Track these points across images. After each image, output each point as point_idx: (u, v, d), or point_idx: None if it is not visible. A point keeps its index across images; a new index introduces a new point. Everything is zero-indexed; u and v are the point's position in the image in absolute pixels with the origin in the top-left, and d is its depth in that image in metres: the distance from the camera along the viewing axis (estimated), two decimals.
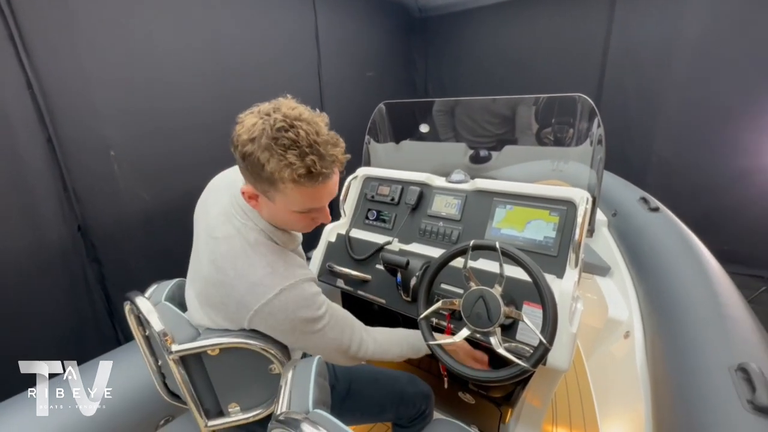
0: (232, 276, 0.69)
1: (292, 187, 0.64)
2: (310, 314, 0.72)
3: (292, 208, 0.69)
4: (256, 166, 0.63)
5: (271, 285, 0.69)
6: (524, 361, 0.73)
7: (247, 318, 0.69)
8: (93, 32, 1.55)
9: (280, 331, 0.71)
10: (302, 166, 0.62)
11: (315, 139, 0.63)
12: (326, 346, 0.76)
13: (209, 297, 0.73)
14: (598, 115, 1.00)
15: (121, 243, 1.76)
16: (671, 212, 1.91)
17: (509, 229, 1.04)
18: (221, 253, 0.71)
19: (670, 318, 1.22)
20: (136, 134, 1.76)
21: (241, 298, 0.69)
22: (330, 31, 2.77)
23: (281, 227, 0.76)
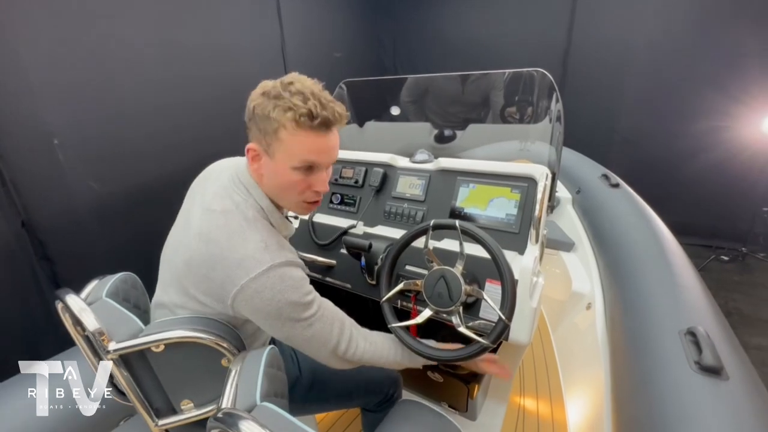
0: (223, 248, 0.67)
1: (292, 131, 0.67)
2: (297, 298, 0.68)
3: (291, 163, 0.69)
4: (263, 117, 0.67)
5: (261, 260, 0.66)
6: (484, 338, 0.74)
7: (232, 294, 0.65)
8: (31, 8, 1.39)
9: (266, 314, 0.67)
10: (303, 107, 0.65)
11: (319, 91, 0.69)
12: (313, 339, 0.72)
13: (192, 270, 0.70)
14: (557, 91, 1.00)
15: (74, 238, 1.64)
16: (630, 188, 1.98)
17: (473, 208, 1.03)
18: (216, 225, 0.70)
19: (627, 288, 1.27)
20: (83, 119, 1.61)
21: (229, 272, 0.66)
22: (293, 10, 2.64)
23: (279, 200, 0.76)
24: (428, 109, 1.51)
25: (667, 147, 3.04)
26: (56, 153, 1.56)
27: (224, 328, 0.69)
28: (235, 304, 0.67)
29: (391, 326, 0.84)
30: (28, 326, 1.51)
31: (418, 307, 0.93)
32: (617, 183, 1.96)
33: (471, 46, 3.50)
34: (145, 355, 0.66)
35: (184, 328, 0.65)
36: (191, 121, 2.00)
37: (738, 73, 2.66)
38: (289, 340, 0.72)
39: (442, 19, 3.63)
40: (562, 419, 1.28)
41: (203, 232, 0.70)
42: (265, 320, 0.69)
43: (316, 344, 0.73)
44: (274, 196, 0.76)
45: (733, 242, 2.98)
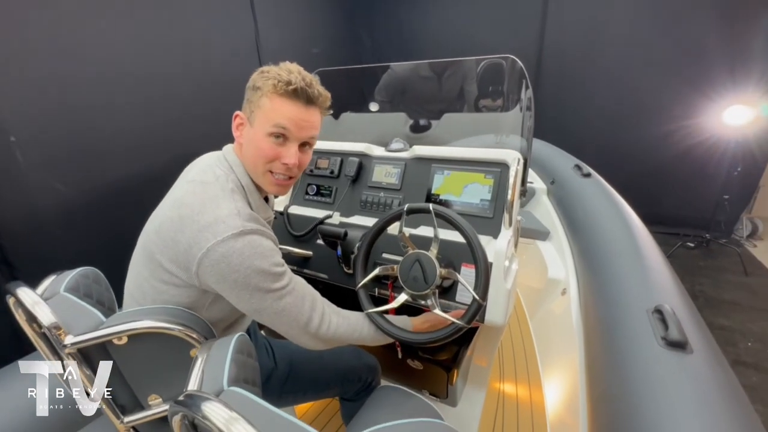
0: (195, 211, 0.66)
1: (271, 98, 0.71)
2: (267, 266, 0.67)
3: (265, 128, 0.72)
4: (252, 87, 0.73)
5: (232, 224, 0.65)
6: (459, 320, 0.74)
7: (197, 258, 0.63)
8: None
9: (232, 282, 0.65)
10: (286, 77, 0.70)
11: (308, 75, 0.73)
12: (284, 313, 0.70)
13: (161, 236, 0.68)
14: (527, 78, 1.01)
15: (37, 242, 1.54)
16: (602, 178, 2.05)
17: (447, 194, 1.04)
18: (193, 191, 0.70)
19: (599, 272, 1.31)
20: (44, 115, 1.52)
21: (197, 234, 0.64)
22: (268, 4, 2.59)
23: (252, 175, 0.77)
24: (403, 105, 1.51)
25: (635, 138, 3.16)
26: (13, 151, 1.47)
27: (192, 318, 0.66)
28: (200, 270, 0.64)
29: (367, 312, 0.83)
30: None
31: (395, 294, 0.93)
32: (589, 173, 2.02)
33: (449, 42, 3.53)
34: (106, 349, 0.63)
35: (150, 318, 0.62)
36: (163, 118, 1.92)
37: (702, 67, 2.79)
38: (258, 314, 0.69)
39: (420, 15, 3.65)
40: (540, 401, 1.31)
41: (178, 198, 0.70)
42: (232, 290, 0.66)
43: (287, 319, 0.71)
44: (250, 169, 0.77)
45: (697, 229, 3.12)
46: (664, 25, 2.83)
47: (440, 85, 1.46)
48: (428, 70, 1.44)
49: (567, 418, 1.13)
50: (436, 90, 1.43)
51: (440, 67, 1.43)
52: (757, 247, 3.07)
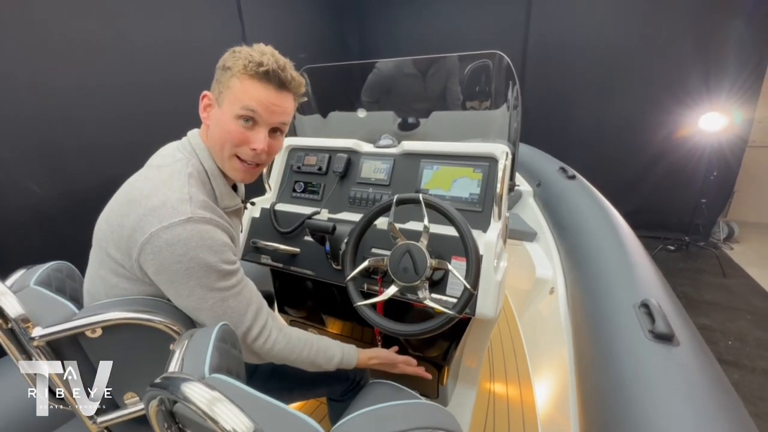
0: (144, 194, 0.62)
1: (241, 79, 0.67)
2: (214, 261, 0.62)
3: (234, 110, 0.67)
4: (222, 67, 0.69)
5: (181, 210, 0.60)
6: (450, 309, 0.73)
7: (139, 244, 0.59)
8: None
9: (173, 273, 0.59)
10: (258, 58, 0.66)
11: (281, 57, 0.70)
12: (223, 317, 0.64)
13: (109, 222, 0.64)
14: (514, 74, 1.03)
15: (9, 247, 1.46)
16: (586, 180, 2.09)
17: (437, 189, 1.04)
18: (146, 176, 0.66)
19: (586, 270, 1.33)
20: (19, 114, 1.46)
21: (141, 218, 0.59)
22: (255, 9, 2.59)
23: (218, 159, 0.72)
24: (391, 104, 1.51)
25: (616, 142, 3.25)
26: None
27: (173, 309, 0.63)
28: (141, 257, 0.60)
29: (357, 305, 0.81)
30: None
31: (384, 288, 0.91)
32: (573, 175, 2.06)
33: (435, 45, 3.59)
34: (78, 343, 0.59)
35: (128, 309, 0.59)
36: (144, 121, 1.87)
37: (678, 75, 2.90)
38: (197, 313, 0.64)
39: (406, 20, 3.71)
40: (530, 400, 1.30)
41: (130, 182, 0.66)
42: (171, 283, 0.61)
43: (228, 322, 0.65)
44: (215, 153, 0.72)
45: (677, 233, 3.21)
46: (641, 32, 2.94)
47: (426, 82, 1.47)
48: (414, 68, 1.45)
49: (558, 416, 1.13)
50: (423, 88, 1.44)
51: (426, 64, 1.44)
52: (734, 250, 3.17)
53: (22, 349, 0.66)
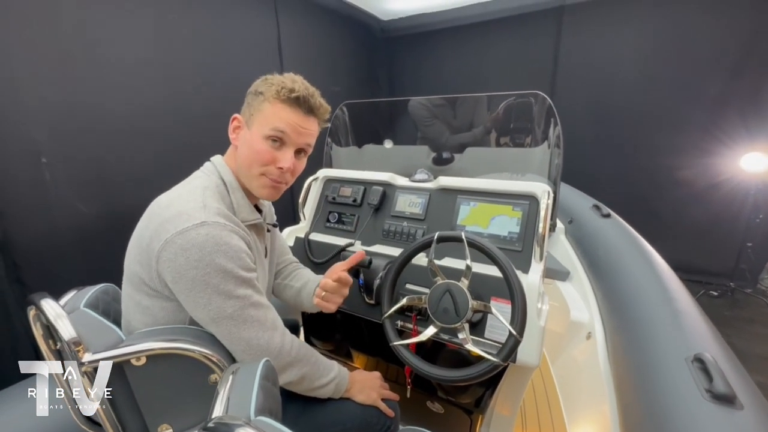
0: (162, 207, 0.65)
1: (272, 102, 0.72)
2: (231, 267, 0.61)
3: (263, 131, 0.72)
4: (254, 92, 0.74)
5: (195, 216, 0.61)
6: (494, 356, 0.69)
7: (156, 252, 0.60)
8: (24, 24, 1.40)
9: (189, 279, 0.59)
10: (290, 85, 0.72)
11: (311, 87, 0.75)
12: (244, 325, 0.63)
13: (133, 241, 0.67)
14: (556, 115, 1.03)
15: (50, 262, 1.54)
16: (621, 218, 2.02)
17: (474, 226, 1.02)
18: (167, 194, 0.70)
19: (628, 316, 1.25)
20: (75, 139, 1.58)
21: (158, 227, 0.61)
22: (293, 46, 2.76)
23: (245, 178, 0.75)
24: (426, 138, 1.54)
25: (651, 181, 3.15)
26: (43, 172, 1.51)
27: (215, 341, 0.63)
28: (159, 265, 0.60)
29: (393, 344, 0.78)
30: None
31: (419, 327, 0.89)
32: (608, 213, 1.99)
33: (463, 83, 3.67)
34: (123, 370, 0.59)
35: (170, 338, 0.59)
36: (187, 145, 1.97)
37: (714, 114, 2.83)
38: (216, 325, 0.63)
39: (435, 58, 3.84)
40: None
41: (153, 202, 0.69)
42: (189, 291, 0.60)
43: (248, 335, 0.64)
44: (242, 172, 0.75)
45: (721, 277, 3.01)
46: (673, 69, 2.91)
47: (463, 119, 1.49)
48: (452, 105, 1.47)
49: None
50: (459, 124, 1.46)
51: (464, 101, 1.47)
52: None
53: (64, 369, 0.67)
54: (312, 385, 0.78)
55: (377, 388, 0.88)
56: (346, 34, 3.47)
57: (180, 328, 0.63)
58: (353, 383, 0.85)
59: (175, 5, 1.93)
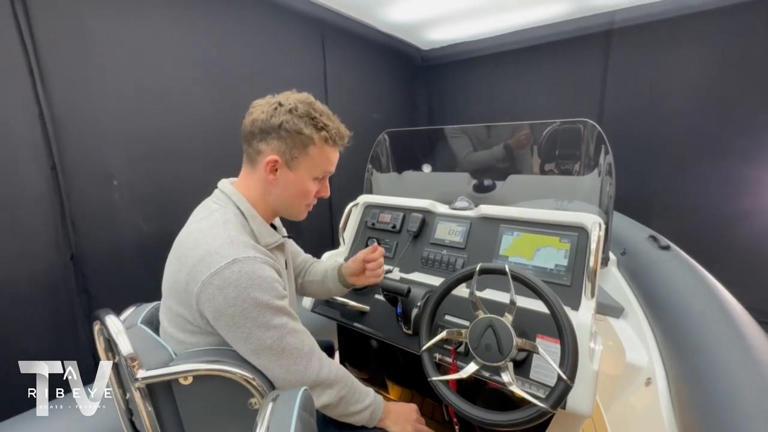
0: (189, 247, 0.67)
1: (321, 147, 0.75)
2: (266, 299, 0.63)
3: (314, 173, 0.76)
4: (292, 133, 0.72)
5: (225, 254, 0.63)
6: (542, 402, 0.64)
7: (195, 294, 0.62)
8: (106, 65, 1.60)
9: (230, 317, 0.61)
10: (333, 128, 0.75)
11: (333, 114, 0.79)
12: (283, 353, 0.65)
13: (166, 281, 0.70)
14: (606, 142, 0.98)
15: (113, 274, 1.68)
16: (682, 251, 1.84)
17: (517, 257, 0.98)
18: (188, 232, 0.72)
19: (695, 362, 1.11)
20: (141, 163, 1.75)
21: (192, 269, 0.63)
22: (337, 75, 2.91)
23: (286, 209, 0.80)
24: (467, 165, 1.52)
25: (717, 213, 2.86)
26: (113, 193, 1.68)
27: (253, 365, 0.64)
28: (199, 306, 0.63)
29: (432, 380, 0.75)
30: (57, 357, 1.51)
31: (458, 362, 0.85)
32: (667, 245, 1.83)
33: (504, 110, 3.63)
34: (171, 388, 0.62)
35: (215, 360, 0.61)
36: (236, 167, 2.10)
37: None
38: (257, 356, 0.64)
39: (476, 86, 3.85)
40: None
41: (177, 240, 0.72)
42: (230, 328, 0.62)
43: (287, 361, 0.66)
44: (280, 204, 0.78)
45: None
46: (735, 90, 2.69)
47: (506, 146, 1.46)
48: (496, 132, 1.46)
49: None
50: (501, 151, 1.43)
51: (508, 128, 1.45)
52: None
53: (120, 382, 0.71)
54: (348, 409, 0.77)
55: (412, 422, 0.85)
56: (388, 63, 3.61)
57: (225, 350, 0.65)
58: (388, 413, 0.83)
59: (234, 38, 2.12)
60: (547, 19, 3.14)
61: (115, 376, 0.70)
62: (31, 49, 1.38)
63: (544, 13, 3.02)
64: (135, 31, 1.68)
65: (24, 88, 1.38)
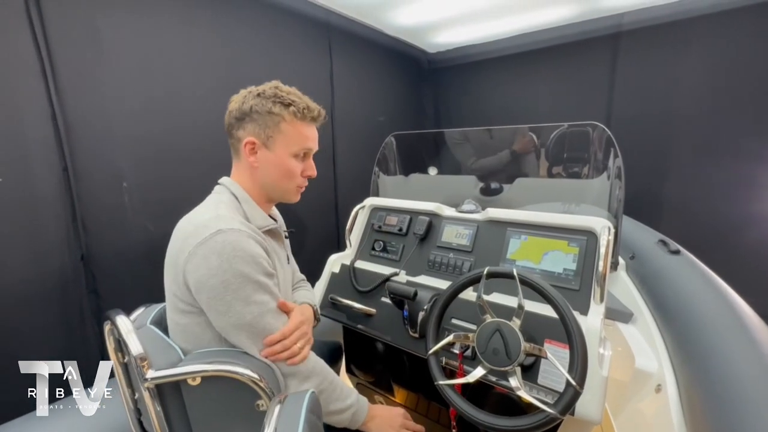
0: (182, 227, 0.70)
1: (292, 123, 0.77)
2: (248, 271, 0.64)
3: (292, 150, 0.78)
4: (263, 113, 0.76)
5: (212, 226, 0.66)
6: (550, 407, 0.63)
7: (182, 265, 0.64)
8: (117, 68, 1.62)
9: (210, 287, 0.62)
10: (301, 103, 0.78)
11: (299, 92, 0.83)
12: (262, 332, 0.66)
13: (166, 263, 0.73)
14: (616, 145, 0.97)
15: (121, 275, 1.70)
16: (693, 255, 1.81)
17: (525, 261, 0.97)
18: (186, 216, 0.75)
19: (707, 369, 1.09)
20: (150, 165, 1.77)
21: (182, 243, 0.66)
22: (343, 78, 2.93)
23: (274, 190, 0.82)
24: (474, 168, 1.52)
25: (726, 219, 2.82)
26: (123, 195, 1.70)
27: (263, 367, 0.65)
28: (186, 277, 0.64)
29: (438, 383, 0.75)
30: (66, 356, 1.53)
31: (465, 366, 0.84)
32: (677, 249, 1.80)
33: (511, 112, 3.62)
34: (179, 388, 0.63)
35: (223, 361, 0.62)
36: None
37: None
38: (235, 333, 0.65)
39: (483, 89, 3.84)
40: None
41: (176, 226, 0.75)
42: (210, 300, 0.63)
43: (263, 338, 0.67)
44: (269, 186, 0.81)
45: None
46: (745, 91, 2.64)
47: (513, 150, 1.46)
48: (503, 135, 1.45)
49: None
50: (509, 155, 1.43)
51: (515, 131, 1.44)
52: None
53: (129, 382, 0.72)
54: (327, 407, 0.76)
55: (397, 428, 0.85)
56: (394, 66, 3.62)
57: (233, 351, 0.65)
58: (373, 417, 0.83)
59: (243, 42, 2.14)
60: (555, 21, 3.13)
61: (125, 376, 0.71)
62: (45, 54, 1.41)
63: (551, 16, 3.00)
64: (145, 35, 1.71)
65: (38, 91, 1.40)
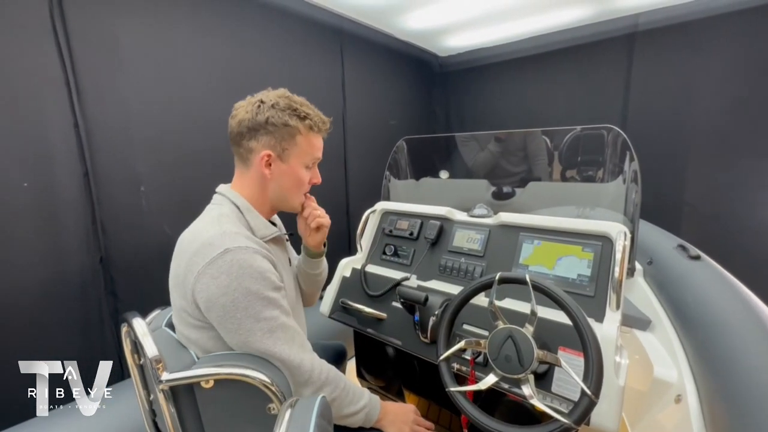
0: (186, 243, 0.70)
1: (306, 136, 0.80)
2: (257, 289, 0.64)
3: (304, 161, 0.81)
4: (279, 126, 0.77)
5: (218, 244, 0.65)
6: (565, 417, 0.62)
7: (191, 285, 0.64)
8: (136, 76, 1.68)
9: (220, 306, 0.63)
10: (315, 116, 0.81)
11: (308, 103, 0.84)
12: (273, 347, 0.66)
13: (171, 278, 0.73)
14: (631, 148, 0.95)
15: (139, 277, 1.74)
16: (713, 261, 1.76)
17: (538, 266, 0.96)
18: (188, 230, 0.75)
19: (731, 379, 1.05)
20: (166, 170, 1.82)
21: (188, 261, 0.66)
22: (355, 82, 2.95)
23: (284, 201, 0.84)
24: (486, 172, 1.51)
25: (744, 224, 2.72)
26: (141, 199, 1.75)
27: (274, 370, 0.65)
28: (195, 296, 0.64)
29: (449, 390, 0.74)
30: (84, 356, 1.57)
31: (477, 372, 0.83)
32: (698, 255, 1.75)
33: (523, 116, 3.58)
34: (193, 391, 0.64)
35: (235, 364, 0.62)
36: None
37: None
38: (247, 346, 0.65)
39: (495, 92, 3.81)
40: None
41: (177, 242, 0.75)
42: (221, 319, 0.63)
43: (278, 357, 0.66)
44: (279, 197, 0.82)
45: None
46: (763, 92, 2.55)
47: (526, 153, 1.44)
48: (516, 138, 1.44)
49: None
50: (521, 158, 1.41)
51: (529, 135, 1.43)
52: None
53: (144, 384, 0.73)
54: (341, 411, 0.77)
55: (410, 423, 0.85)
56: (405, 70, 3.62)
57: (245, 355, 0.66)
58: (386, 414, 0.84)
59: (256, 47, 2.18)
60: (568, 23, 3.08)
61: (140, 378, 0.72)
62: (69, 64, 1.46)
63: (564, 18, 2.96)
64: (161, 43, 1.76)
65: (61, 99, 1.46)
